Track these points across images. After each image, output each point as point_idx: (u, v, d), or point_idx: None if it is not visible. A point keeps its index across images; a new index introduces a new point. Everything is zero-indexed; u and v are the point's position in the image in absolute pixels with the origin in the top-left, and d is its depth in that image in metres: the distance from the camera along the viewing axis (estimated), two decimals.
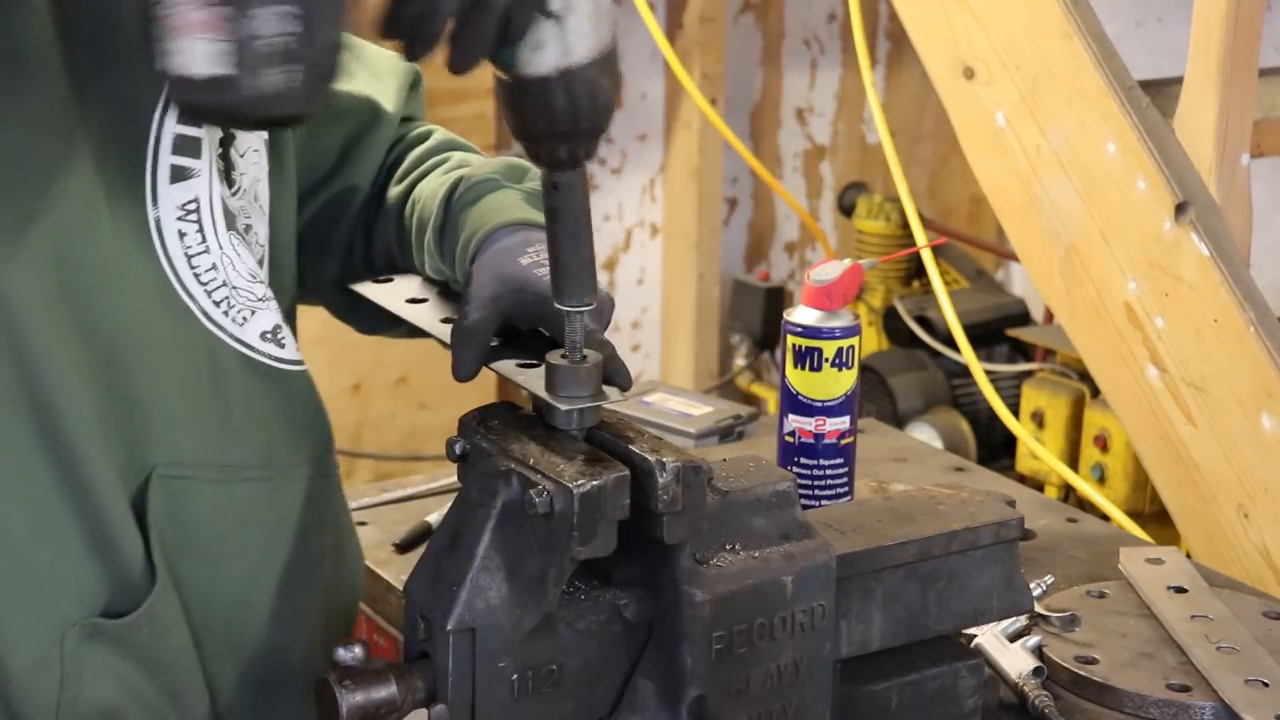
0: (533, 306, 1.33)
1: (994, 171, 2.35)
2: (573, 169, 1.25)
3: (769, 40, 4.38)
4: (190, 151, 1.29)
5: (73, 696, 1.26)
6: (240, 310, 1.32)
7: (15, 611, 1.24)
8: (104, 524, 1.25)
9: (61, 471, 1.23)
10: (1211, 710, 1.54)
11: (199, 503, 1.30)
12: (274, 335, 1.35)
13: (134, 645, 1.27)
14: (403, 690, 1.24)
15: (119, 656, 1.27)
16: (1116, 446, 3.08)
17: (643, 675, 1.31)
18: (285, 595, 1.36)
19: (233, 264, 1.32)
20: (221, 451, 1.31)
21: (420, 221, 1.47)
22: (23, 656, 1.24)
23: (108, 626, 1.26)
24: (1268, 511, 2.10)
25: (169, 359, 1.28)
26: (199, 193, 1.30)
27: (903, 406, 3.55)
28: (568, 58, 1.20)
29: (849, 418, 1.78)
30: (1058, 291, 2.30)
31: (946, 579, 1.44)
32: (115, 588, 1.27)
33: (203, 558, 1.31)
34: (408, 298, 1.48)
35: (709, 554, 1.31)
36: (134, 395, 1.27)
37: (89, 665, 1.26)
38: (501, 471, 1.26)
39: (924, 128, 4.52)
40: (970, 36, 2.33)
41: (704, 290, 4.22)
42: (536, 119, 1.22)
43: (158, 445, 1.28)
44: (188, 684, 1.31)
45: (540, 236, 1.36)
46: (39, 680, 1.25)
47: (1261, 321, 2.09)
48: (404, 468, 3.65)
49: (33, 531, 1.23)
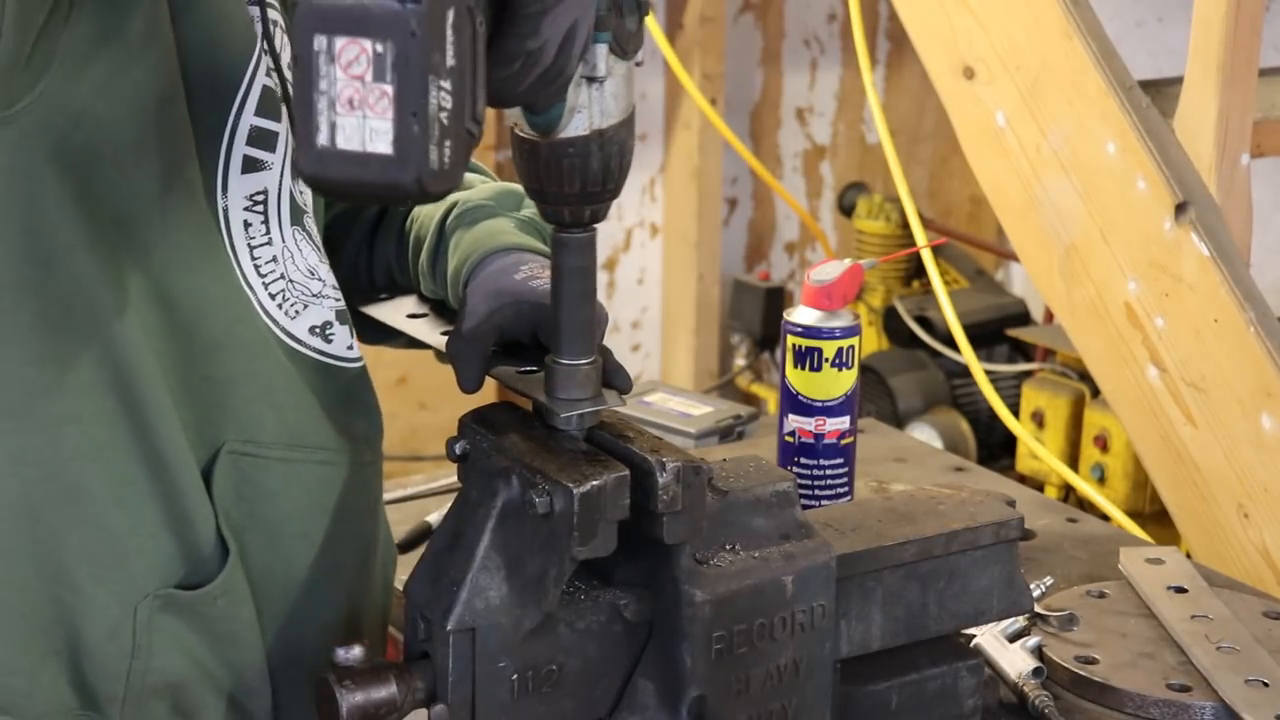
0: (529, 315, 1.35)
1: (994, 171, 2.35)
2: (587, 229, 1.26)
3: (769, 40, 4.38)
4: (266, 144, 1.31)
5: (142, 667, 1.27)
6: (294, 304, 1.34)
7: (93, 580, 1.25)
8: (179, 495, 1.27)
9: (140, 440, 1.25)
10: (1212, 710, 1.54)
11: (267, 480, 1.32)
12: (322, 331, 1.36)
13: (206, 618, 1.29)
14: (403, 690, 1.24)
15: (189, 629, 1.28)
16: (1116, 446, 3.08)
17: (643, 675, 1.31)
18: (338, 578, 1.37)
19: (293, 258, 1.33)
20: (288, 433, 1.33)
21: (417, 241, 1.50)
22: (97, 625, 1.26)
23: (182, 598, 1.28)
24: (1268, 511, 2.10)
25: (237, 340, 1.30)
26: (268, 185, 1.32)
27: (903, 406, 3.54)
28: (604, 120, 1.22)
29: (849, 418, 1.78)
30: (1058, 291, 2.30)
31: (946, 579, 1.44)
32: (188, 560, 1.28)
33: (266, 535, 1.32)
34: (408, 313, 1.50)
35: (709, 554, 1.31)
36: (207, 370, 1.29)
37: (160, 636, 1.27)
38: (501, 471, 1.26)
39: (924, 128, 4.52)
40: (970, 36, 2.33)
41: (704, 290, 4.22)
42: (570, 180, 1.23)
43: (230, 421, 1.30)
44: (251, 660, 1.32)
45: (532, 258, 1.41)
46: (110, 649, 1.26)
47: (1261, 321, 2.09)
48: (404, 468, 3.65)
49: (112, 500, 1.25)
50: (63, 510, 1.24)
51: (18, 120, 1.18)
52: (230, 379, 1.30)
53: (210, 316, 1.28)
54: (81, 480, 1.24)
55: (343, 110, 1.04)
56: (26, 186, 1.20)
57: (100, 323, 1.23)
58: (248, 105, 1.29)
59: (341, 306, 1.38)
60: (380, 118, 1.03)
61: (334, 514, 1.36)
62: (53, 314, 1.22)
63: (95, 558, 1.25)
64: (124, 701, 1.27)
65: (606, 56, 1.21)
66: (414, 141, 1.04)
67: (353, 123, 1.04)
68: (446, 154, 1.06)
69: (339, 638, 1.35)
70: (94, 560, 1.25)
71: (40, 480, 1.23)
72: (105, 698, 1.27)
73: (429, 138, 1.04)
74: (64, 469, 1.24)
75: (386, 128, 1.04)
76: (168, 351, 1.26)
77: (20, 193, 1.20)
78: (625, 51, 1.23)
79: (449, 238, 1.46)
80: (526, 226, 1.46)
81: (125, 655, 1.26)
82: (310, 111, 1.04)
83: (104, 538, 1.25)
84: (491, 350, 1.36)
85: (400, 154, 1.04)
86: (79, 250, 1.21)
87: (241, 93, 1.29)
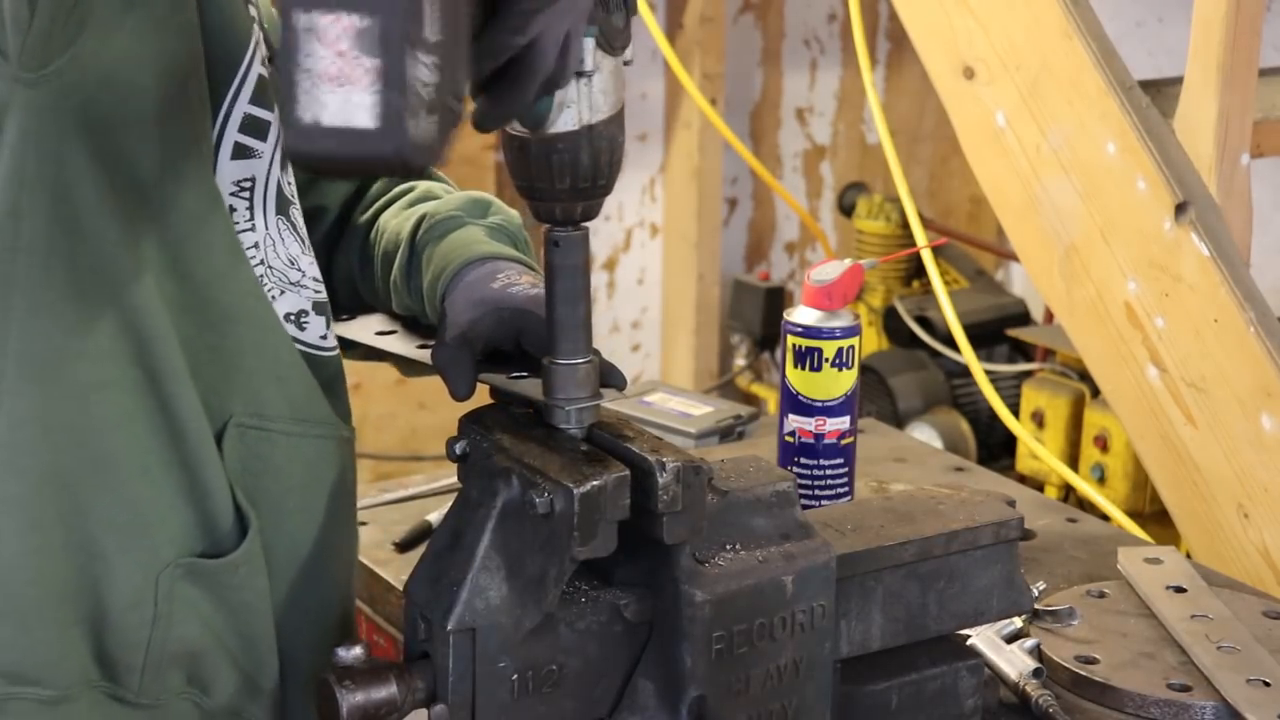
0: (511, 321, 1.36)
1: (994, 171, 2.35)
2: (579, 226, 1.26)
3: (769, 40, 4.38)
4: (258, 133, 1.31)
5: (162, 636, 1.28)
6: (270, 289, 1.34)
7: (119, 549, 1.26)
8: (199, 465, 1.28)
9: (162, 410, 1.26)
10: (1212, 710, 1.54)
11: (272, 454, 1.32)
12: (297, 319, 1.36)
13: (226, 587, 1.30)
14: (403, 690, 1.24)
15: (208, 599, 1.29)
16: (1116, 446, 3.08)
17: (643, 675, 1.31)
18: (332, 553, 1.38)
19: (274, 246, 1.34)
20: (291, 407, 1.33)
21: (385, 255, 1.51)
22: (121, 594, 1.26)
23: (205, 566, 1.28)
24: (1268, 511, 2.10)
25: (248, 313, 1.31)
26: (256, 172, 1.32)
27: (903, 406, 3.55)
28: (593, 115, 1.22)
29: (849, 418, 1.78)
30: (1058, 291, 2.30)
31: (946, 579, 1.44)
32: (206, 530, 1.29)
33: (271, 509, 1.32)
34: (377, 330, 1.52)
35: (709, 554, 1.31)
36: (217, 342, 1.29)
37: (180, 605, 1.28)
38: (501, 471, 1.26)
39: (924, 128, 4.52)
40: (970, 36, 2.33)
41: (704, 290, 4.22)
42: (560, 176, 1.24)
43: (237, 393, 1.30)
44: (263, 631, 1.33)
45: (507, 265, 1.42)
46: (132, 618, 1.27)
47: (1261, 321, 2.09)
48: (404, 468, 3.65)
49: (137, 469, 1.26)
50: (91, 478, 1.25)
51: (50, 81, 1.19)
52: (239, 351, 1.30)
53: (221, 289, 1.29)
54: (108, 448, 1.25)
55: (326, 85, 1.04)
56: (56, 150, 1.21)
57: (122, 291, 1.24)
58: (244, 92, 1.30)
59: (321, 298, 1.39)
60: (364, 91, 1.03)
61: (331, 490, 1.37)
62: (81, 280, 1.23)
63: (121, 526, 1.26)
64: (143, 670, 1.28)
65: (594, 51, 1.22)
66: (396, 114, 1.04)
67: (336, 98, 1.04)
68: (430, 127, 1.06)
69: (333, 615, 1.37)
70: (120, 529, 1.26)
71: (69, 447, 1.24)
72: (125, 667, 1.28)
73: (411, 111, 1.04)
74: (92, 437, 1.24)
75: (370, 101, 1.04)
76: (182, 322, 1.27)
77: (50, 156, 1.21)
78: (613, 47, 1.23)
79: (420, 252, 1.47)
80: (497, 234, 1.47)
81: (146, 624, 1.27)
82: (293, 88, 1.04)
83: (130, 507, 1.26)
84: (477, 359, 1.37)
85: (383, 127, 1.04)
86: (102, 216, 1.22)
87: (239, 78, 1.30)
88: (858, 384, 1.78)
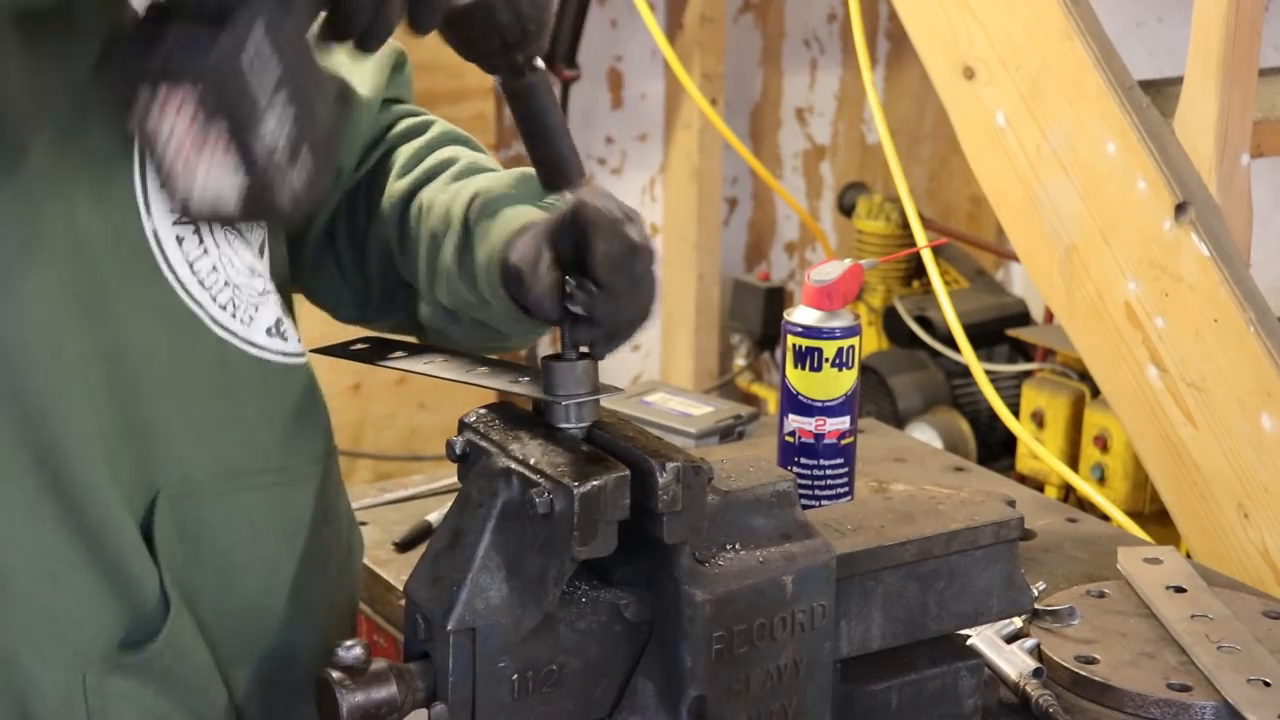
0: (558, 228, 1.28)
1: (994, 171, 2.35)
2: (528, 75, 1.27)
3: (769, 40, 4.38)
4: None
5: None
6: (245, 309, 1.31)
7: (33, 656, 1.22)
8: (116, 558, 1.24)
9: (69, 512, 1.22)
10: (1212, 710, 1.54)
11: (208, 517, 1.29)
12: (277, 329, 1.34)
13: (156, 672, 1.27)
14: (403, 690, 1.24)
15: (142, 685, 1.26)
16: (1116, 446, 3.08)
17: (643, 675, 1.31)
18: (299, 595, 1.35)
19: (231, 261, 1.30)
20: (230, 460, 1.30)
21: (433, 235, 1.42)
22: (46, 698, 1.23)
23: (128, 659, 1.25)
24: (1268, 511, 2.10)
25: (180, 374, 1.27)
26: None
27: (903, 406, 3.55)
28: None
29: (849, 418, 1.78)
30: (1058, 291, 2.30)
31: (946, 579, 1.44)
32: (132, 618, 1.26)
33: (215, 570, 1.30)
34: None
35: (709, 554, 1.31)
36: (141, 416, 1.25)
37: (113, 698, 1.25)
38: (501, 471, 1.26)
39: (924, 128, 4.52)
40: (970, 36, 2.33)
41: (704, 290, 4.22)
42: (488, 38, 1.24)
43: (164, 464, 1.27)
44: (212, 699, 1.31)
45: None
46: (65, 718, 1.24)
47: (1261, 321, 2.09)
48: (404, 468, 3.65)
49: (43, 576, 1.22)
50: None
51: None
52: (166, 417, 1.26)
53: (150, 355, 1.25)
54: (7, 561, 1.21)
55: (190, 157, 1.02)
56: None
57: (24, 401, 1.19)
58: None
59: (284, 297, 1.36)
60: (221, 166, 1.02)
61: (286, 534, 1.34)
62: None
63: (33, 634, 1.22)
64: None
65: None
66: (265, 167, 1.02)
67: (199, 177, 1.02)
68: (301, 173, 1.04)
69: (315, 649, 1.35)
70: (31, 638, 1.22)
71: None
72: None
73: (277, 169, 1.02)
74: None
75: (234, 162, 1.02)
76: (100, 407, 1.22)
77: None
78: None
79: (473, 230, 1.40)
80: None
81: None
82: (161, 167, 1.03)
83: (40, 614, 1.22)
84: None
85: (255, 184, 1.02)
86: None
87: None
88: (858, 384, 1.78)
